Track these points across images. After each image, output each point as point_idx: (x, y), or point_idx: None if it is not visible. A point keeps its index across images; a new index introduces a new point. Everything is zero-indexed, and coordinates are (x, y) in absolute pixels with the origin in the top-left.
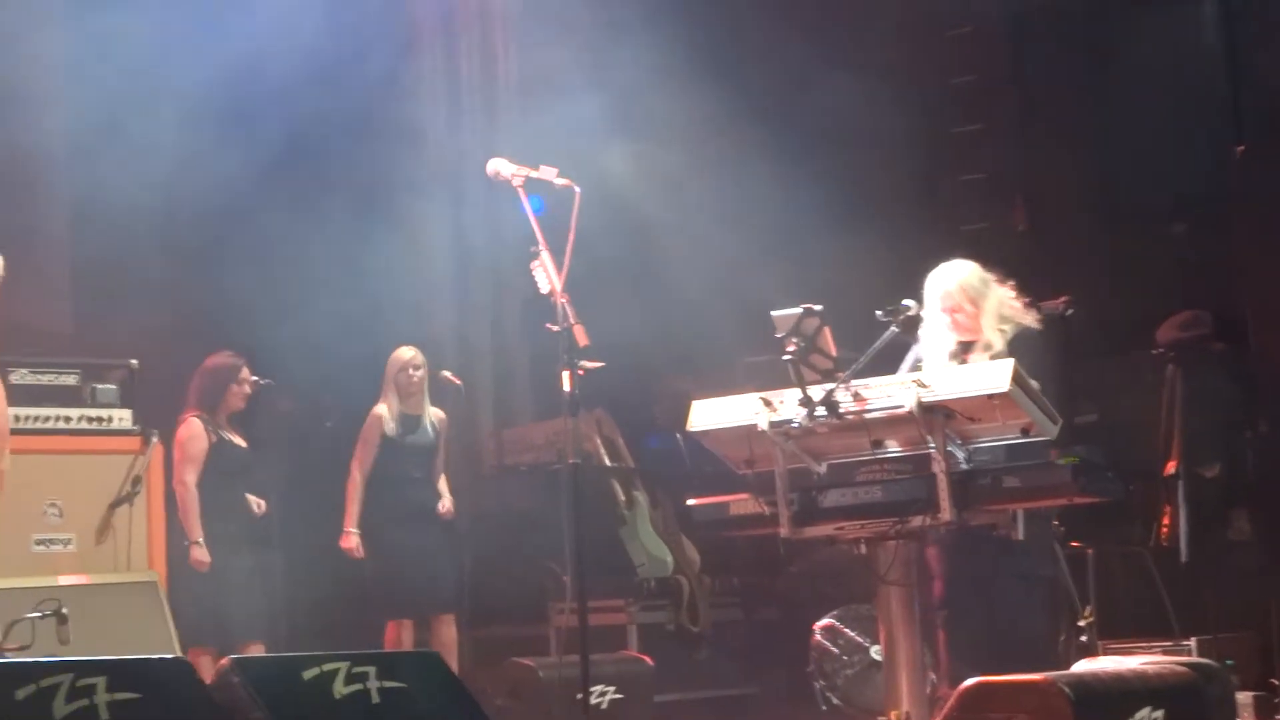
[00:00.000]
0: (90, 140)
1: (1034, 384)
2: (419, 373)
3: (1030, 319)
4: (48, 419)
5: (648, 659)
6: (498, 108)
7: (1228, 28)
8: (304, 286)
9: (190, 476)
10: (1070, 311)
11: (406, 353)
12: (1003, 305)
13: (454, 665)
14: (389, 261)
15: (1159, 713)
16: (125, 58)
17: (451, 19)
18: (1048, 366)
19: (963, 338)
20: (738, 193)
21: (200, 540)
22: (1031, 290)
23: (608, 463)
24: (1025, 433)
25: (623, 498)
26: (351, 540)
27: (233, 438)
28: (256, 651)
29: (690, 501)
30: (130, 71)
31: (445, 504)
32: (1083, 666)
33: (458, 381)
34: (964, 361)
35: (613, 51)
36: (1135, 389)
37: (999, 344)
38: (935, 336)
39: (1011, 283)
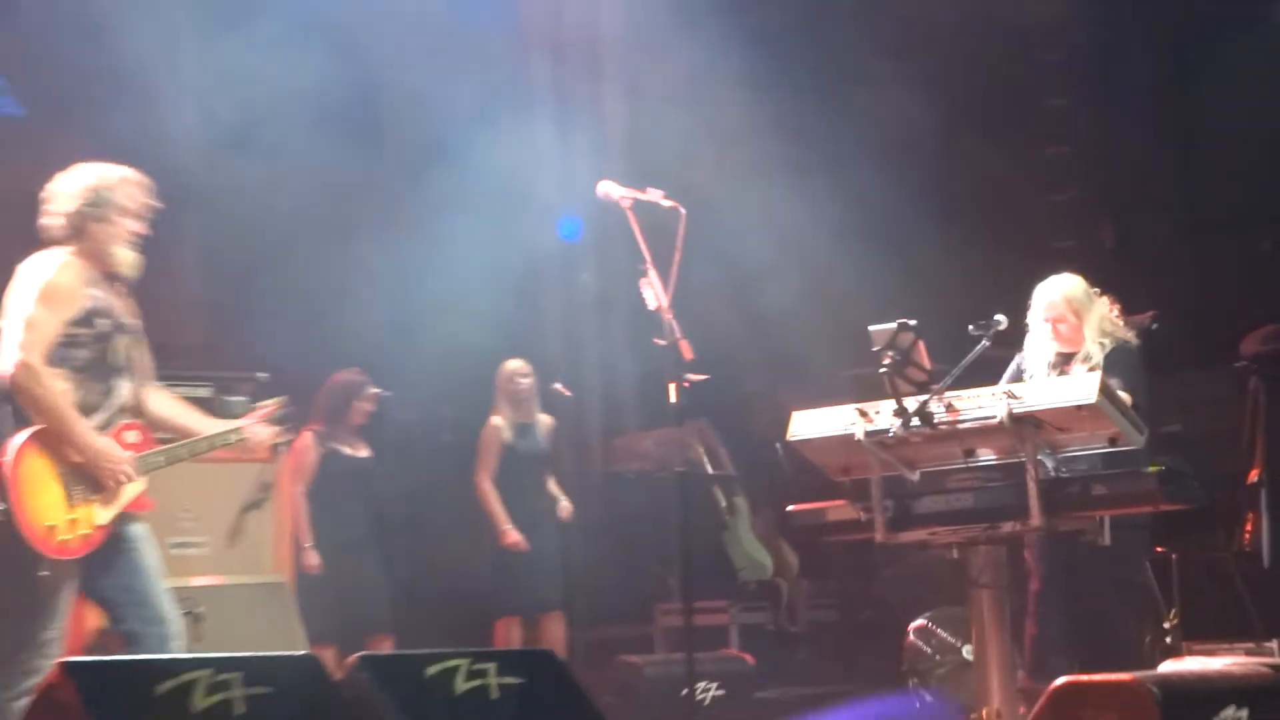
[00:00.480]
0: (222, 157)
1: (1124, 396)
2: (526, 381)
3: (1130, 334)
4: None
5: (749, 657)
6: (604, 129)
7: None
8: (425, 302)
9: (298, 487)
10: (1156, 325)
11: (513, 363)
12: (1104, 320)
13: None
14: (503, 279)
15: (1243, 712)
16: (257, 76)
17: (560, 40)
18: (1142, 381)
19: (1064, 349)
20: (831, 209)
21: (309, 545)
22: (1119, 305)
23: (710, 470)
24: (1113, 442)
25: (724, 504)
26: (513, 536)
27: (349, 449)
28: (387, 645)
29: (789, 508)
30: (261, 90)
31: (565, 507)
32: (1168, 667)
33: (567, 393)
34: (1064, 372)
35: (709, 69)
36: (1220, 400)
37: (1098, 356)
38: (1038, 346)
39: (1111, 299)
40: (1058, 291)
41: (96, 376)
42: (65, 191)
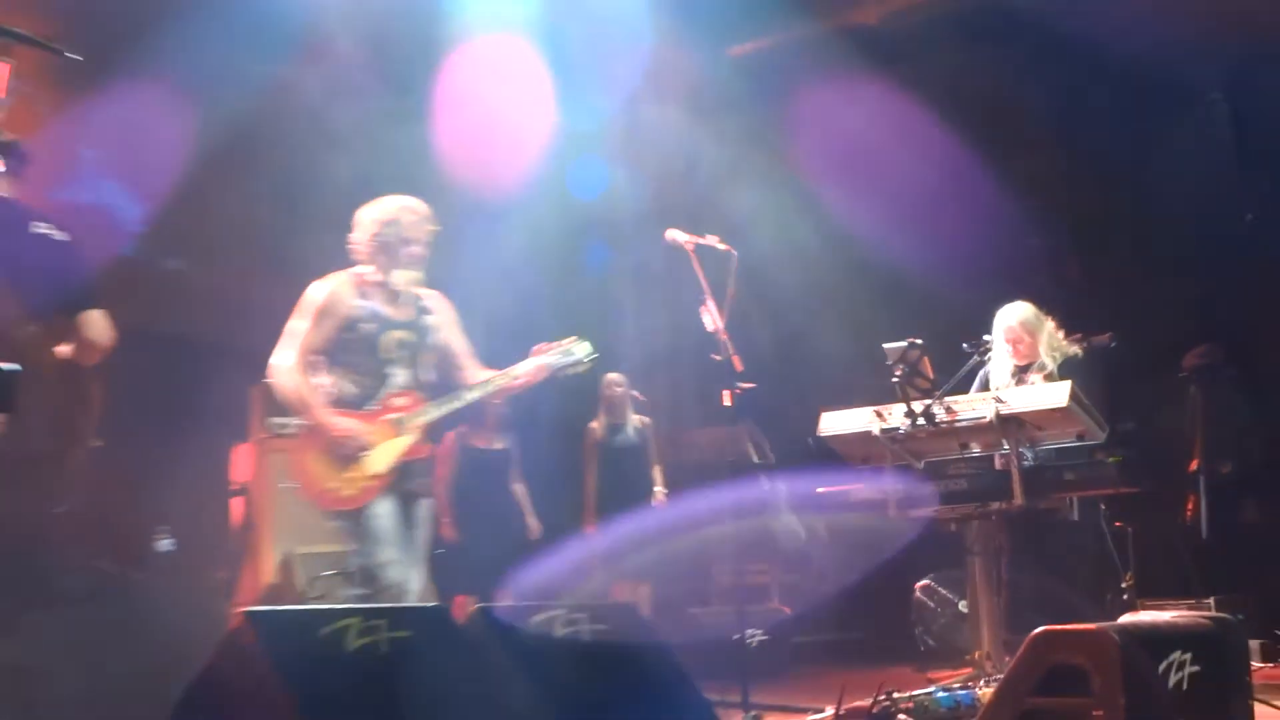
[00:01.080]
0: None
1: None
2: (619, 389)
3: (1074, 348)
4: None
5: (786, 609)
6: (674, 182)
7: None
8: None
9: (443, 479)
10: (1114, 344)
11: (610, 375)
12: (1052, 337)
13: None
14: (606, 304)
15: (1187, 655)
16: None
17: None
18: (1092, 386)
19: (1021, 362)
20: (848, 252)
21: (447, 520)
22: (1083, 327)
23: (755, 460)
24: (1080, 438)
25: (766, 487)
26: (593, 525)
27: (484, 444)
28: (507, 600)
29: (819, 489)
30: None
31: (659, 493)
32: (1127, 619)
33: (641, 398)
34: (1023, 381)
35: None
36: (1166, 403)
37: (1051, 366)
38: (1000, 360)
39: (1056, 320)
40: (1014, 317)
41: (370, 369)
42: (364, 220)
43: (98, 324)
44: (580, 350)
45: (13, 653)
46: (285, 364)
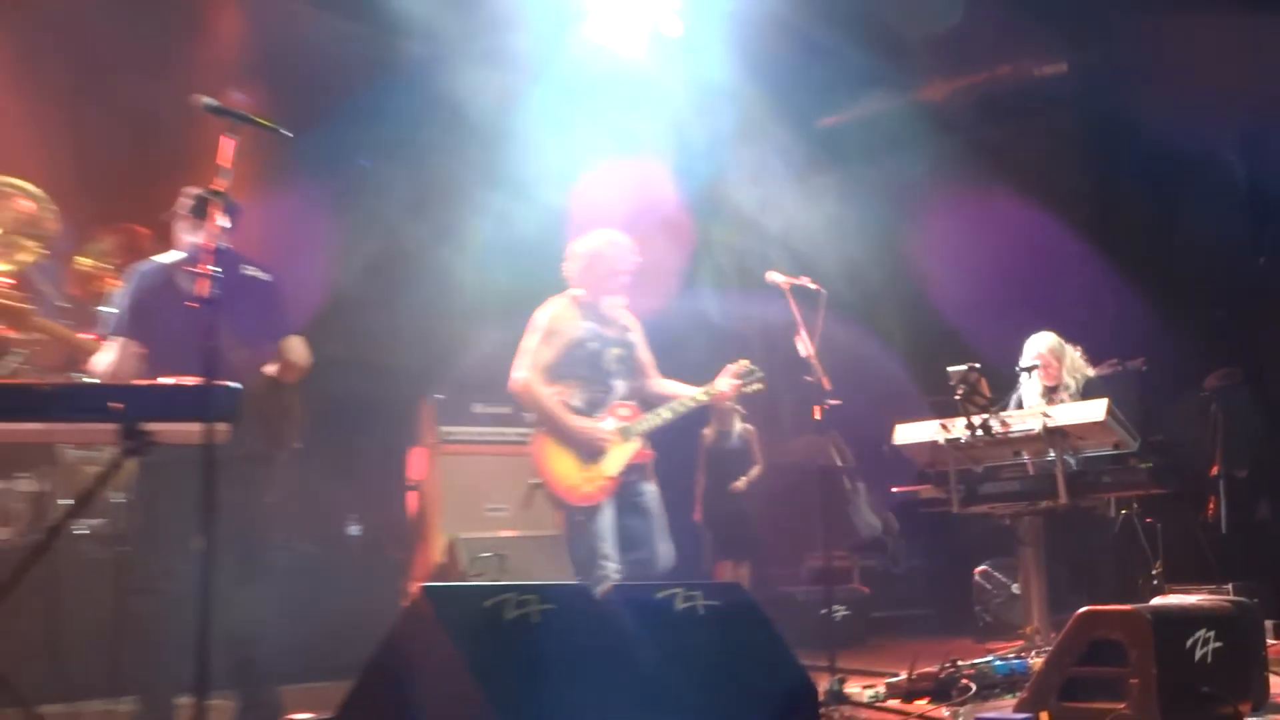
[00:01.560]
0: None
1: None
2: (727, 402)
3: (1092, 370)
4: (495, 437)
5: (865, 589)
6: (771, 231)
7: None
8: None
9: None
10: (1146, 368)
11: None
12: (1075, 361)
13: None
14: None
15: (1211, 633)
16: None
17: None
18: (1124, 402)
19: (1050, 383)
20: (920, 294)
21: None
22: (1119, 354)
23: (840, 464)
24: (1116, 447)
25: (849, 487)
26: (701, 515)
27: None
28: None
29: (894, 489)
30: None
31: (736, 485)
32: (1157, 601)
33: (742, 410)
34: (1053, 400)
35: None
36: (1191, 419)
37: (1075, 387)
38: (1030, 382)
39: (1085, 347)
40: (1044, 344)
41: (595, 381)
42: (575, 252)
43: (298, 349)
44: (758, 372)
45: (234, 617)
46: (525, 378)
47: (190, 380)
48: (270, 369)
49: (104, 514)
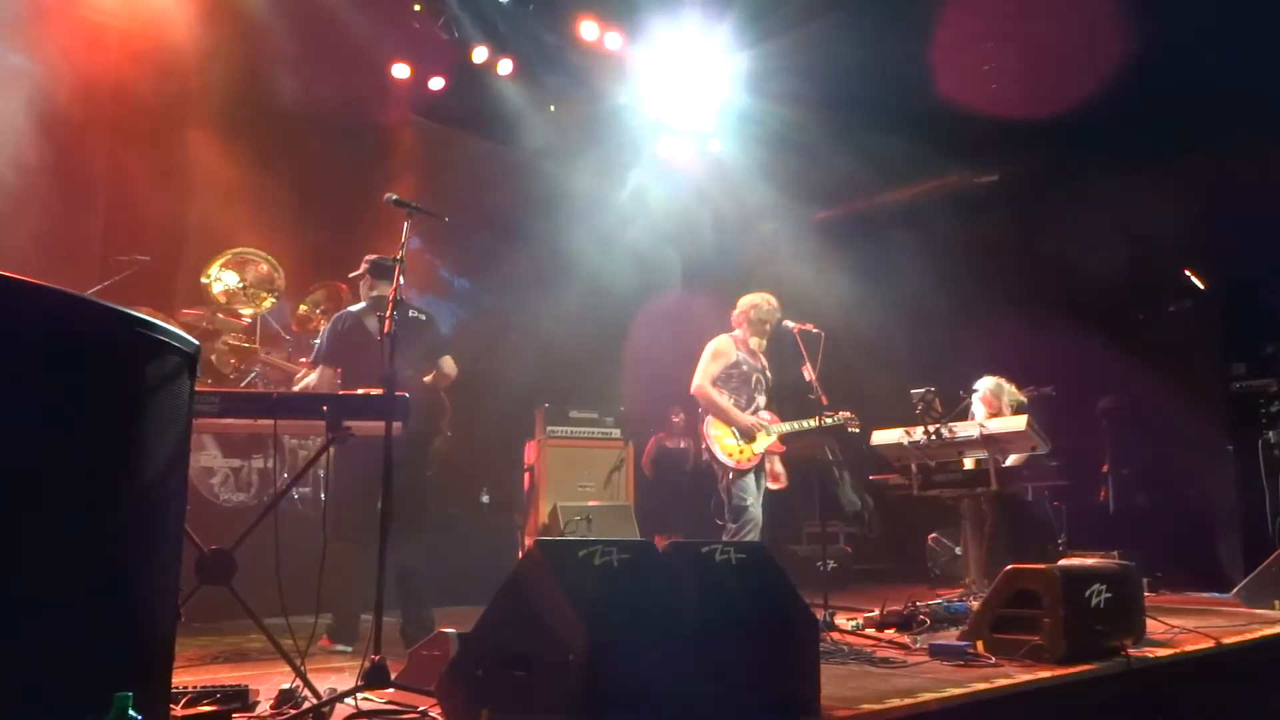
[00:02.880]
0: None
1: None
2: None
3: (1023, 396)
4: (585, 434)
5: (849, 549)
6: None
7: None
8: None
9: (647, 463)
10: (1055, 393)
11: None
12: (1012, 394)
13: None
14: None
15: (1104, 586)
16: None
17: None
18: (1039, 418)
19: (991, 413)
20: (899, 329)
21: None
22: (1035, 382)
23: (832, 458)
24: (1032, 450)
25: (838, 474)
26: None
27: (670, 443)
28: (678, 537)
29: (870, 477)
30: None
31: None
32: (1063, 562)
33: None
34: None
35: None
36: (1088, 431)
37: (1008, 412)
38: (978, 407)
39: (1012, 376)
40: (985, 386)
41: (744, 394)
42: (741, 304)
43: (448, 365)
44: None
45: (400, 558)
46: (701, 384)
47: (375, 391)
48: (428, 379)
49: (312, 485)
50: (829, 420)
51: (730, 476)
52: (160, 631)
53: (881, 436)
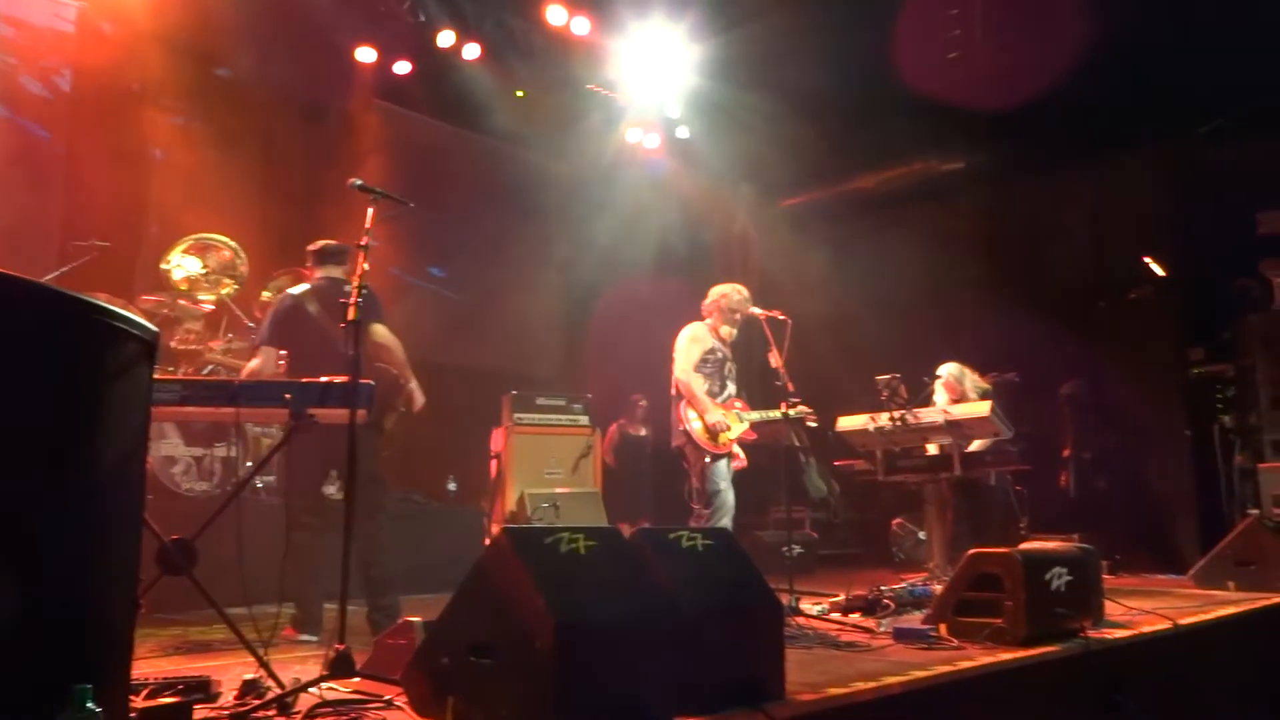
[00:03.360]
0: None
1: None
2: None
3: (985, 383)
4: (552, 421)
5: (814, 534)
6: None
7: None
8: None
9: (608, 450)
10: (1018, 380)
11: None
12: (975, 381)
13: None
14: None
15: (1064, 569)
16: None
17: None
18: (1002, 404)
19: (954, 399)
20: (863, 324)
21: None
22: (999, 368)
23: (798, 445)
24: (995, 436)
25: (804, 460)
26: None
27: (633, 431)
28: (646, 523)
29: (836, 463)
30: None
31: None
32: (1025, 546)
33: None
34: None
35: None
36: (1050, 415)
37: (974, 397)
38: (941, 394)
39: (977, 363)
40: (946, 372)
41: (718, 380)
42: (713, 294)
43: (379, 333)
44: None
45: (361, 547)
46: (685, 369)
47: (339, 378)
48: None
49: (276, 473)
50: (794, 410)
51: (707, 460)
52: (119, 622)
53: (847, 422)
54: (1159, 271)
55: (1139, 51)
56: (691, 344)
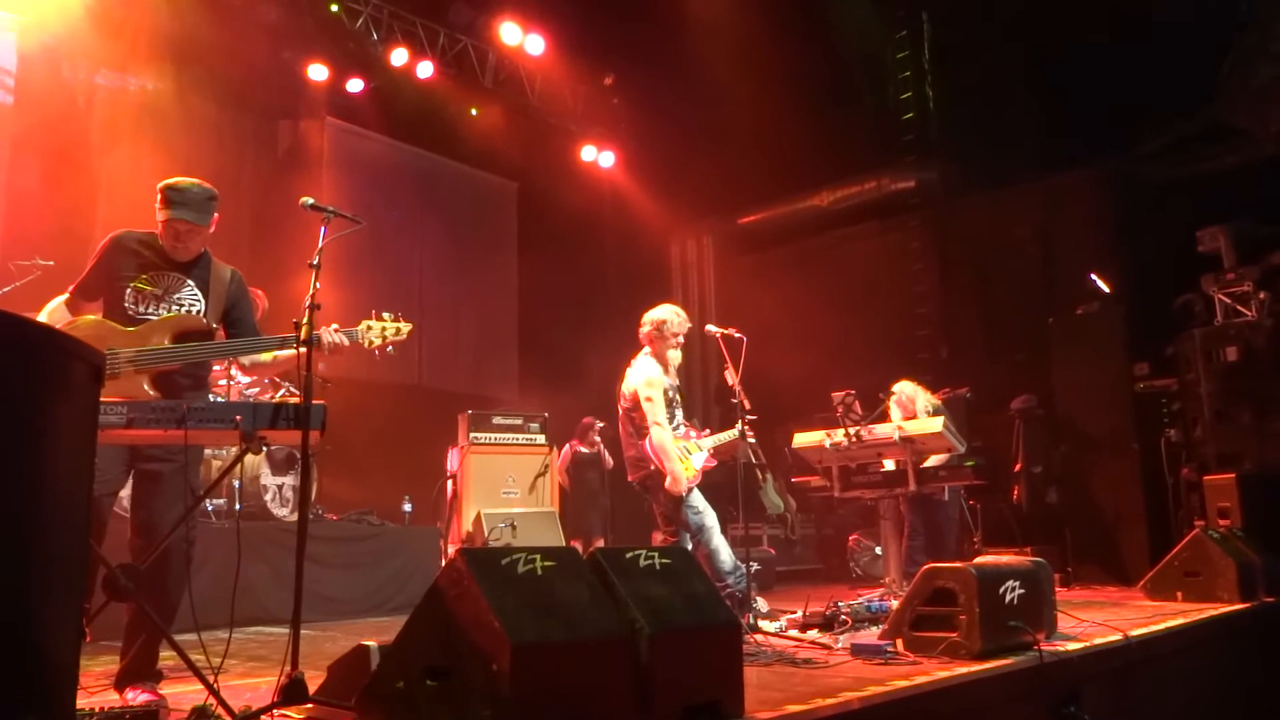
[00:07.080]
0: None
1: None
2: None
3: (938, 400)
4: (509, 440)
5: (772, 550)
6: (708, 301)
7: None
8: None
9: (563, 469)
10: (969, 395)
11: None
12: (928, 399)
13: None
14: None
15: (1017, 583)
16: None
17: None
18: (955, 420)
19: (906, 417)
20: (815, 344)
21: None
22: (950, 384)
23: (755, 461)
24: (948, 451)
25: (760, 477)
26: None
27: (587, 449)
28: (601, 542)
29: (793, 479)
30: None
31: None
32: (978, 560)
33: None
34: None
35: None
36: (1001, 430)
37: (925, 415)
38: (895, 410)
39: (930, 380)
40: (900, 391)
41: (671, 412)
42: (648, 319)
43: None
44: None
45: (310, 567)
46: (664, 433)
47: (292, 399)
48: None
49: (226, 497)
50: (748, 428)
51: (682, 496)
52: (63, 650)
53: (803, 439)
54: (1105, 288)
55: (1086, 68)
56: (652, 393)
